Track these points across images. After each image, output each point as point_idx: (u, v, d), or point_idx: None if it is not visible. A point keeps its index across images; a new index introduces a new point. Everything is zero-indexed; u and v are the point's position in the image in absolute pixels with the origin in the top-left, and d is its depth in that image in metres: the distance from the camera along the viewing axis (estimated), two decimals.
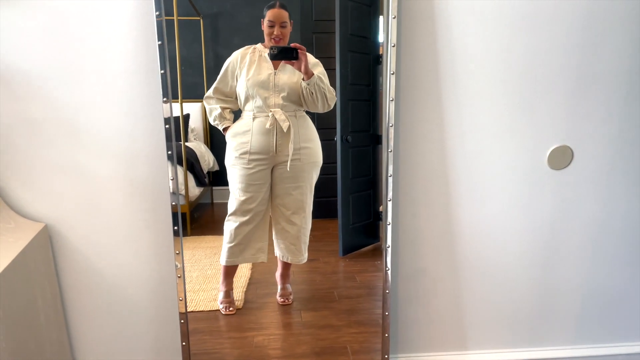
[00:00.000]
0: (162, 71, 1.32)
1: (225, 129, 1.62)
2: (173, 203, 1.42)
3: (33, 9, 1.32)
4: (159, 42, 1.31)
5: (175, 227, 1.43)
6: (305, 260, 1.78)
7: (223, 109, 1.61)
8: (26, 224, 1.43)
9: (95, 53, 1.37)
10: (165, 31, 1.31)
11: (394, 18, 1.35)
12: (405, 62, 1.43)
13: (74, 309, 1.59)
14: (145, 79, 1.39)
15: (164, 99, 1.34)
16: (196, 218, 1.82)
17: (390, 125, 1.42)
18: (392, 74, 1.38)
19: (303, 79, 1.54)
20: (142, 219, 1.52)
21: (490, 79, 1.46)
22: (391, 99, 1.40)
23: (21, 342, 1.28)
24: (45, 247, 1.46)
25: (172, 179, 1.40)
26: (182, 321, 1.50)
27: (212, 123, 1.63)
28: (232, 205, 1.66)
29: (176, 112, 1.54)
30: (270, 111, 1.57)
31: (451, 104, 1.48)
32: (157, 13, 1.30)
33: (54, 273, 1.51)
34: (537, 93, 1.48)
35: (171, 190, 1.43)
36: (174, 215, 1.43)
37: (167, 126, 1.36)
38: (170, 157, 1.39)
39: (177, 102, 1.63)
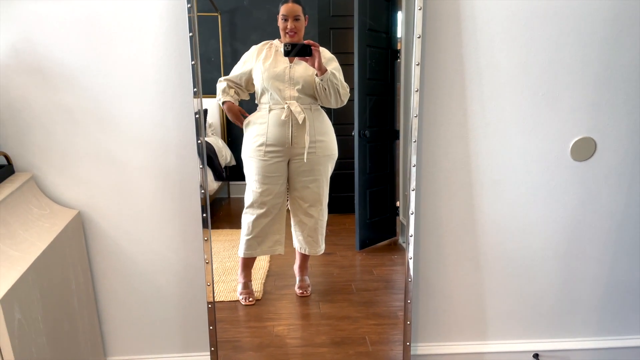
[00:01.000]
0: (193, 62, 1.36)
1: (224, 104, 1.61)
2: (202, 191, 1.45)
3: (69, 3, 1.36)
4: (190, 34, 1.34)
5: (204, 215, 1.46)
6: (323, 251, 1.80)
7: (229, 87, 1.62)
8: (60, 211, 1.47)
9: (128, 45, 1.40)
10: (196, 23, 1.34)
11: (419, 9, 1.37)
12: (429, 54, 1.45)
13: (104, 293, 1.63)
14: (176, 70, 1.42)
15: (195, 89, 1.37)
16: (214, 212, 1.85)
17: (415, 115, 1.44)
18: (417, 64, 1.40)
19: (317, 75, 1.57)
20: (171, 207, 1.56)
21: (514, 71, 1.47)
22: (416, 89, 1.42)
23: (57, 323, 1.31)
24: (79, 233, 1.50)
25: (201, 167, 1.43)
26: (209, 306, 1.53)
27: (218, 101, 1.63)
28: (248, 198, 1.69)
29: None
30: (286, 103, 1.59)
31: (474, 96, 1.49)
32: (189, 5, 1.33)
33: (86, 258, 1.55)
34: (561, 84, 1.49)
35: (199, 179, 1.46)
36: (203, 201, 1.46)
37: (197, 116, 1.39)
38: (199, 146, 1.42)
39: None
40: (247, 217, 1.70)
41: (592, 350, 1.80)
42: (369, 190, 1.82)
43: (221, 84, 1.62)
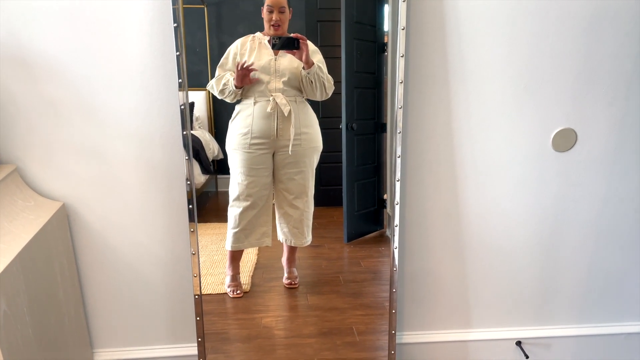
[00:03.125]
0: (178, 53, 1.35)
1: (235, 81, 1.58)
2: (188, 182, 1.45)
3: None
4: (175, 25, 1.33)
5: (190, 207, 1.47)
6: (309, 242, 1.81)
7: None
8: (45, 203, 1.46)
9: (112, 36, 1.39)
10: (181, 14, 1.34)
11: (403, 2, 1.38)
12: (414, 45, 1.46)
13: (90, 286, 1.63)
14: (161, 61, 1.42)
15: (180, 80, 1.37)
16: (202, 205, 1.85)
17: (400, 107, 1.45)
18: (402, 56, 1.41)
19: (303, 68, 1.57)
20: (157, 198, 1.55)
21: (496, 63, 1.49)
22: (400, 81, 1.43)
23: (43, 315, 1.31)
24: (63, 225, 1.49)
25: (187, 159, 1.43)
26: (196, 297, 1.53)
27: (223, 88, 1.59)
28: (234, 191, 1.69)
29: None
30: (271, 95, 1.59)
31: (458, 88, 1.51)
32: None
33: (71, 250, 1.54)
34: (542, 76, 1.50)
35: (185, 172, 1.46)
36: (189, 194, 1.46)
37: (182, 107, 1.39)
38: (185, 138, 1.42)
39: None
40: (234, 210, 1.70)
41: (573, 337, 1.83)
42: (356, 182, 1.83)
43: (224, 77, 1.60)
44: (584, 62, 1.50)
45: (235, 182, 1.68)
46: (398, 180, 1.52)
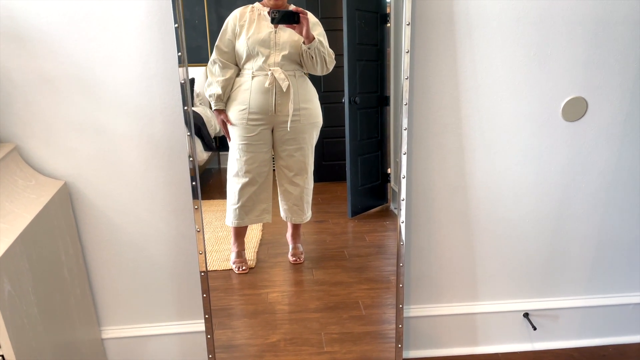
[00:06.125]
0: (176, 25, 1.31)
1: (215, 111, 1.62)
2: (190, 159, 1.43)
3: None
4: None
5: (194, 183, 1.45)
6: (309, 219, 1.80)
7: (223, 92, 1.59)
8: (46, 182, 1.44)
9: (109, 8, 1.36)
10: None
11: None
12: (420, 13, 1.42)
13: (95, 264, 1.63)
14: (159, 34, 1.38)
15: (179, 54, 1.34)
16: (205, 182, 1.84)
17: (406, 77, 1.42)
18: (408, 24, 1.37)
19: (304, 43, 1.53)
20: (159, 176, 1.54)
21: (505, 30, 1.45)
22: (406, 50, 1.39)
23: (48, 294, 1.31)
24: (66, 204, 1.48)
25: (188, 135, 1.40)
26: (202, 274, 1.53)
27: (206, 92, 1.60)
28: (232, 167, 1.67)
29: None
30: (270, 69, 1.56)
31: (465, 56, 1.47)
32: None
33: (75, 229, 1.53)
34: (552, 44, 1.47)
35: (187, 147, 1.44)
36: (192, 171, 1.44)
37: (182, 81, 1.36)
38: (186, 112, 1.39)
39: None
40: (233, 186, 1.69)
41: (581, 308, 1.84)
42: (360, 157, 1.81)
43: (217, 89, 1.58)
44: (594, 28, 1.46)
45: (234, 158, 1.66)
46: (405, 154, 1.49)
